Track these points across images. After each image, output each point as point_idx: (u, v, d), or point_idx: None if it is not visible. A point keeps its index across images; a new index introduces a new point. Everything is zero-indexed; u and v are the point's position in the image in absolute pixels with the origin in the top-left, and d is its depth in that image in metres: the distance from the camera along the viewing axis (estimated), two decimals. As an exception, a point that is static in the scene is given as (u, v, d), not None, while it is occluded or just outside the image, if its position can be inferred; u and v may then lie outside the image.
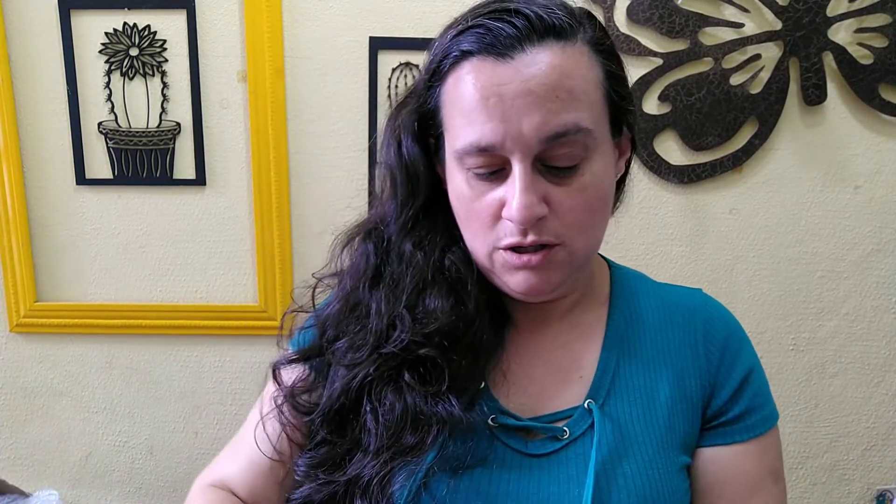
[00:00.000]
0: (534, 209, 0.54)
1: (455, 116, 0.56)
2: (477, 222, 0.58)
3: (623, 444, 0.59)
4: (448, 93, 0.57)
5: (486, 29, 0.54)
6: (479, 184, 0.57)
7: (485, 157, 0.55)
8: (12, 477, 1.43)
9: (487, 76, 0.53)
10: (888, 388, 1.39)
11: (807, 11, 1.23)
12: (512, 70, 0.52)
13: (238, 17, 1.25)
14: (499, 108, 0.53)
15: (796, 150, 1.30)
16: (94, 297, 1.36)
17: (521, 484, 0.58)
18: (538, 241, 0.56)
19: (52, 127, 1.29)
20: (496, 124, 0.53)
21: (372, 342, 0.61)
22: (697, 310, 0.70)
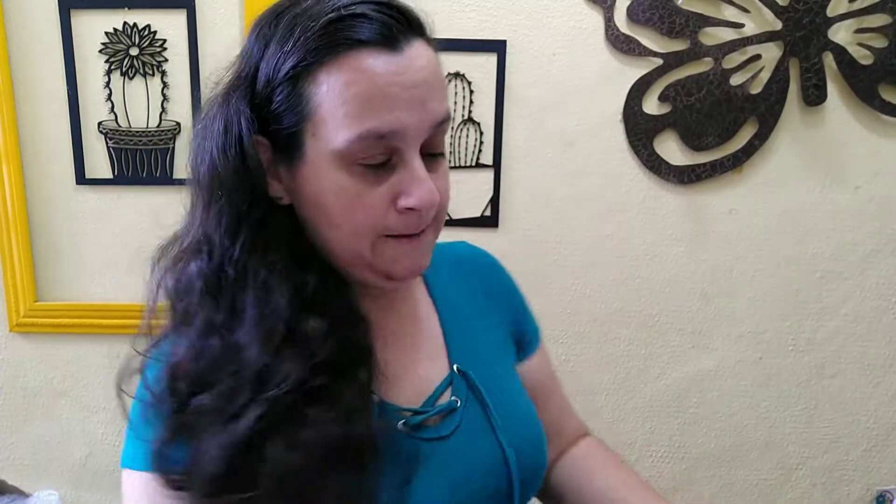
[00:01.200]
0: (434, 195, 0.56)
1: (340, 106, 0.53)
2: (364, 215, 0.56)
3: (493, 386, 0.67)
4: (327, 83, 0.53)
5: (367, 19, 0.53)
6: (367, 177, 0.55)
7: (379, 146, 0.54)
8: (12, 477, 1.43)
9: (384, 66, 0.53)
10: (888, 388, 1.39)
11: (807, 12, 1.23)
12: (406, 61, 0.54)
13: (238, 17, 1.25)
14: (401, 98, 0.53)
15: (796, 151, 1.30)
16: (94, 297, 1.36)
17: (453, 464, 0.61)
18: (426, 225, 0.58)
19: (52, 127, 1.29)
20: (399, 113, 0.53)
21: (249, 388, 0.53)
22: (475, 257, 0.79)
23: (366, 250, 0.58)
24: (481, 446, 0.64)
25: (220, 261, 0.56)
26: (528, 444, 0.67)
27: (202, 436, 0.52)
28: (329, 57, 0.53)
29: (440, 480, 0.60)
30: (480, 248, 0.81)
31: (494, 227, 1.32)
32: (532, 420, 0.70)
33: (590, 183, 1.31)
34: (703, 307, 1.37)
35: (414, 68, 0.54)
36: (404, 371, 0.65)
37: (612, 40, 1.25)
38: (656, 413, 1.41)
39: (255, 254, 0.56)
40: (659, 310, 1.37)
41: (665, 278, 1.35)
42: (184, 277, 0.58)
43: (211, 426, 0.52)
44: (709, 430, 1.42)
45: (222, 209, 0.56)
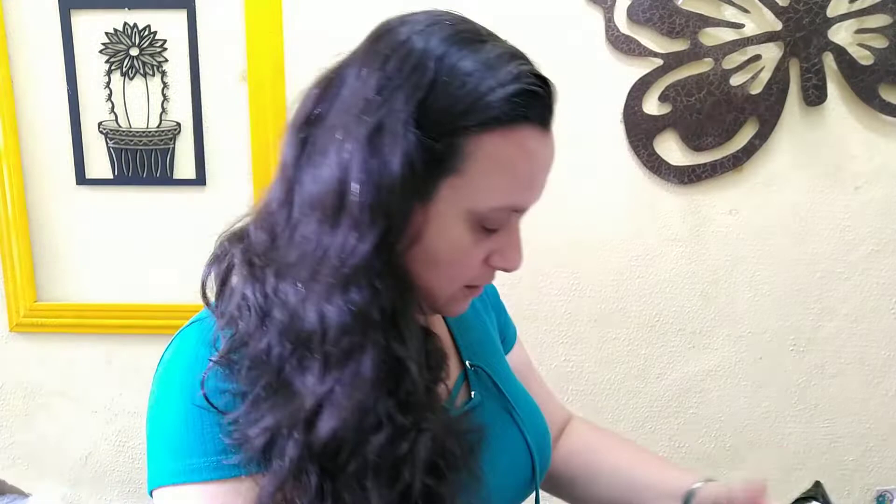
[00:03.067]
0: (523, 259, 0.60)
1: (495, 175, 0.53)
2: (462, 269, 0.58)
3: (504, 381, 0.70)
4: (491, 148, 0.52)
5: (539, 97, 0.55)
6: (482, 237, 0.57)
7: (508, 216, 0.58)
8: (12, 477, 1.44)
9: (539, 148, 0.56)
10: (888, 388, 1.39)
11: (807, 12, 1.23)
12: (552, 145, 0.58)
13: (238, 17, 1.25)
14: (539, 178, 0.57)
15: (796, 151, 1.30)
16: (94, 297, 1.36)
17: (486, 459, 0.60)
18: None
19: (52, 127, 1.29)
20: (535, 193, 0.58)
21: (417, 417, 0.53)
22: None
23: (449, 294, 0.60)
24: (507, 438, 0.66)
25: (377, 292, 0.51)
26: (541, 430, 0.70)
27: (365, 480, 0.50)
28: (501, 125, 0.52)
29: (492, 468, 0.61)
30: None
31: (494, 227, 1.32)
32: (538, 409, 0.73)
33: (590, 183, 1.31)
34: (703, 307, 1.37)
35: (551, 152, 0.57)
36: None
37: (612, 40, 1.25)
38: (656, 413, 1.41)
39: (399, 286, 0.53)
40: (659, 310, 1.37)
41: (665, 278, 1.35)
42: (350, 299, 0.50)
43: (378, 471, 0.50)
44: (709, 430, 1.42)
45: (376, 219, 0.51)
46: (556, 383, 0.90)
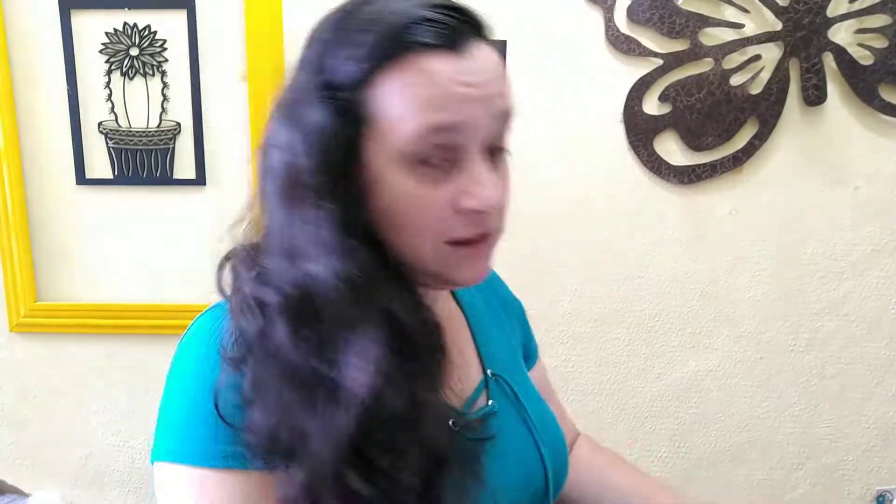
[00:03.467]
0: (497, 198, 0.55)
1: (402, 106, 0.52)
2: (426, 219, 0.54)
3: (525, 392, 0.70)
4: (390, 85, 0.52)
5: (434, 22, 0.53)
6: (430, 177, 0.54)
7: (442, 145, 0.53)
8: (12, 477, 1.44)
9: (449, 68, 0.52)
10: (888, 388, 1.39)
11: (807, 12, 1.23)
12: (473, 62, 0.54)
13: (238, 17, 1.25)
14: (464, 95, 0.53)
15: (796, 151, 1.30)
16: (94, 297, 1.36)
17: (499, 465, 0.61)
18: (488, 230, 0.56)
19: (52, 127, 1.29)
20: (460, 108, 0.53)
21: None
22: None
23: (428, 255, 0.56)
24: (521, 447, 0.65)
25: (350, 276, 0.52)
26: (558, 444, 0.70)
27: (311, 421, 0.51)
28: (392, 61, 0.52)
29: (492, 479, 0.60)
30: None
31: (494, 227, 1.32)
32: (557, 425, 0.72)
33: (590, 183, 1.31)
34: (703, 307, 1.37)
35: (480, 69, 0.54)
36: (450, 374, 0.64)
37: (612, 40, 1.25)
38: (656, 413, 1.41)
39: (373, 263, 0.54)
40: (659, 310, 1.37)
41: (665, 278, 1.35)
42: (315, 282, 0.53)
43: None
44: (709, 430, 1.42)
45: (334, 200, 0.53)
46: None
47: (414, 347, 0.54)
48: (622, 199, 1.32)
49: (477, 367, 0.68)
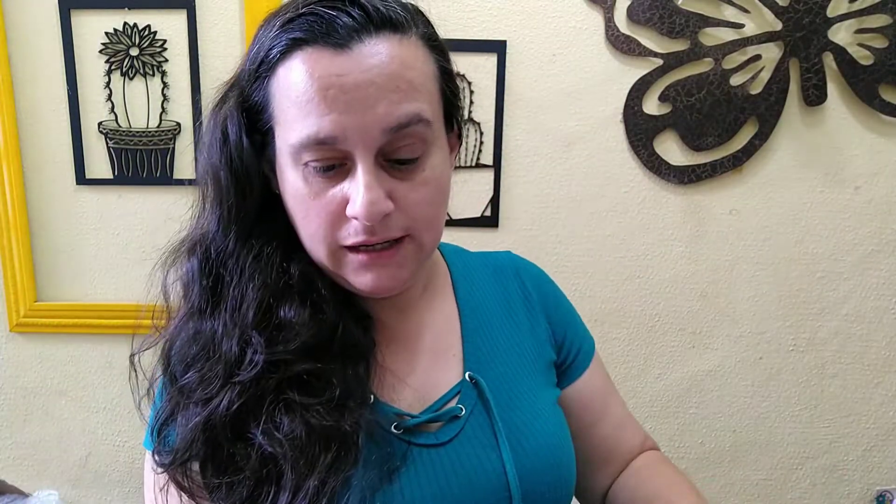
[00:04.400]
0: (380, 205, 0.52)
1: (289, 108, 0.53)
2: (316, 221, 0.55)
3: (509, 399, 0.65)
4: (280, 84, 0.53)
5: (319, 17, 0.51)
6: (317, 180, 0.54)
7: (324, 150, 0.52)
8: (12, 477, 1.44)
9: (325, 66, 0.51)
10: (888, 388, 1.39)
11: (807, 12, 1.23)
12: (352, 61, 0.51)
13: (238, 17, 1.25)
14: (340, 100, 0.51)
15: (796, 151, 1.30)
16: (94, 297, 1.36)
17: (446, 474, 0.59)
18: (386, 238, 0.55)
19: (52, 127, 1.29)
20: (337, 116, 0.51)
21: (223, 372, 0.55)
22: (518, 268, 0.76)
23: (325, 258, 0.57)
24: (480, 456, 0.61)
25: (216, 254, 0.59)
26: (538, 460, 0.63)
27: (184, 414, 0.56)
28: (284, 55, 0.53)
29: (431, 486, 0.59)
30: (527, 259, 0.78)
31: (494, 227, 1.32)
32: (549, 438, 0.65)
33: (590, 183, 1.31)
34: (703, 307, 1.37)
35: (360, 69, 0.51)
36: (411, 375, 0.64)
37: (612, 40, 1.25)
38: (656, 413, 1.41)
39: (246, 246, 0.58)
40: (659, 310, 1.37)
41: (665, 278, 1.35)
42: (186, 270, 0.61)
43: (192, 406, 0.56)
44: (709, 430, 1.42)
45: (217, 205, 0.59)
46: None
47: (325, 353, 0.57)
48: (622, 199, 1.32)
49: (457, 370, 0.65)
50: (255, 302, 0.57)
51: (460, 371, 0.65)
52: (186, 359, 0.58)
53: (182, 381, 0.58)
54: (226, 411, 0.54)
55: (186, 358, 0.58)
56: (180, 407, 0.57)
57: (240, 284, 0.58)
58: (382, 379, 0.62)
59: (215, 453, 0.55)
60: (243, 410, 0.55)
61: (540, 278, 0.77)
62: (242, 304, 0.57)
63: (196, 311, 0.59)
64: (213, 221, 0.59)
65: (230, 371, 0.56)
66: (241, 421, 0.55)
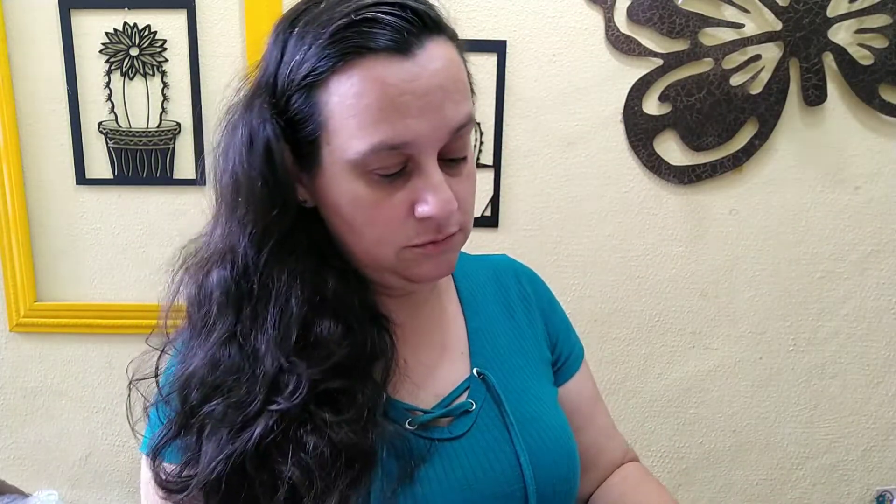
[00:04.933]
0: (452, 203, 0.54)
1: (352, 117, 0.52)
2: (383, 225, 0.56)
3: (518, 394, 0.66)
4: (338, 93, 0.52)
5: (377, 24, 0.51)
6: (382, 186, 0.54)
7: (393, 156, 0.53)
8: (12, 477, 1.44)
9: (396, 73, 0.51)
10: (888, 388, 1.39)
11: (807, 12, 1.23)
12: (418, 67, 0.51)
13: (238, 17, 1.25)
14: (414, 105, 0.51)
15: (796, 151, 1.30)
16: (94, 297, 1.36)
17: (462, 466, 0.61)
18: (450, 233, 0.57)
19: (52, 127, 1.29)
20: (412, 121, 0.52)
21: (262, 396, 0.53)
22: (516, 270, 0.78)
23: (389, 258, 0.58)
24: (494, 448, 0.62)
25: (244, 270, 0.56)
26: (550, 452, 0.64)
27: (210, 440, 0.54)
28: (340, 65, 0.51)
29: (448, 479, 0.60)
30: (521, 262, 0.80)
31: (494, 227, 1.32)
32: (558, 430, 0.67)
33: (590, 183, 1.31)
34: (703, 307, 1.37)
35: (428, 73, 0.52)
36: (423, 371, 0.65)
37: (612, 40, 1.25)
38: (656, 413, 1.41)
39: (280, 262, 0.56)
40: (659, 310, 1.37)
41: (665, 278, 1.35)
42: (206, 286, 0.58)
43: (220, 432, 0.54)
44: (709, 430, 1.42)
45: (248, 218, 0.56)
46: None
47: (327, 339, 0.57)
48: (622, 199, 1.32)
49: (464, 367, 0.67)
50: (297, 321, 0.55)
51: (468, 367, 0.67)
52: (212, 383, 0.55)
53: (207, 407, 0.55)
54: (259, 440, 0.52)
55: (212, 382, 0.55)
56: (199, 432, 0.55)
57: (278, 302, 0.56)
58: (397, 377, 0.63)
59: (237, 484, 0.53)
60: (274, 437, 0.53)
61: (536, 281, 0.79)
62: (282, 323, 0.55)
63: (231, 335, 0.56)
64: (243, 236, 0.56)
65: (270, 394, 0.54)
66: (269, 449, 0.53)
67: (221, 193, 0.59)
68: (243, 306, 0.56)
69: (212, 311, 0.57)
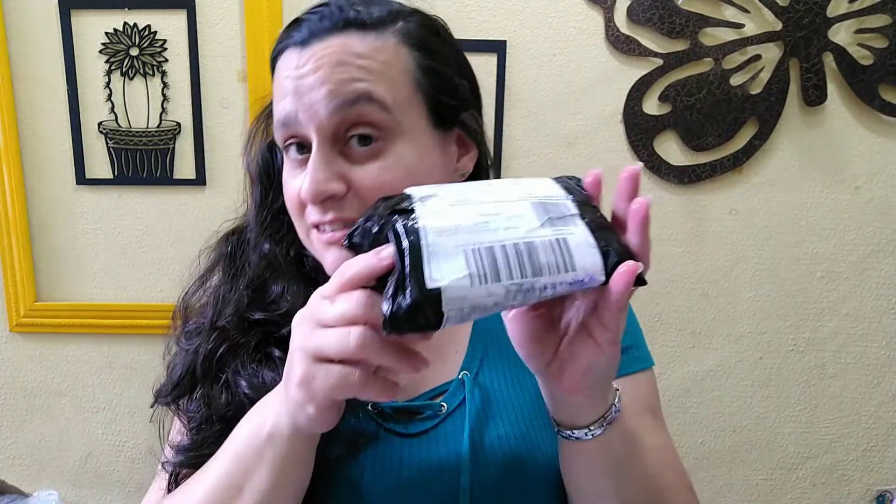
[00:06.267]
0: (320, 185, 0.56)
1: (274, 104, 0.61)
2: (290, 202, 0.61)
3: (496, 408, 0.64)
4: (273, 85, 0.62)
5: (300, 23, 0.59)
6: (291, 164, 0.61)
7: (289, 132, 0.59)
8: (12, 477, 1.43)
9: (289, 62, 0.58)
10: (888, 388, 1.39)
11: (807, 12, 1.23)
12: (308, 54, 0.57)
13: (238, 17, 1.25)
14: (293, 86, 0.57)
15: (796, 151, 1.30)
16: (94, 297, 1.36)
17: (401, 464, 0.60)
18: (339, 219, 0.58)
19: (52, 127, 1.29)
20: (290, 98, 0.57)
21: (210, 319, 0.66)
22: None
23: (302, 237, 0.63)
24: (441, 459, 0.61)
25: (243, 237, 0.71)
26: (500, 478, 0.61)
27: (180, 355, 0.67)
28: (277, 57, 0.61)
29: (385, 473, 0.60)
30: None
31: (494, 227, 1.32)
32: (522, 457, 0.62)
33: (590, 183, 1.31)
34: (703, 307, 1.37)
35: (314, 59, 0.56)
36: None
37: (612, 40, 1.25)
38: (656, 413, 1.41)
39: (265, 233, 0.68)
40: (659, 310, 1.37)
41: (665, 278, 1.35)
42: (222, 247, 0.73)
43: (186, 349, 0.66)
44: (709, 430, 1.42)
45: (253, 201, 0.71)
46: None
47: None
48: (622, 199, 1.32)
49: (454, 369, 0.66)
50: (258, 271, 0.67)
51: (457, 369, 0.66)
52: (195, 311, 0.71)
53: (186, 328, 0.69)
54: (206, 352, 0.63)
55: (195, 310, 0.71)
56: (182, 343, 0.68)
57: (253, 254, 0.68)
58: None
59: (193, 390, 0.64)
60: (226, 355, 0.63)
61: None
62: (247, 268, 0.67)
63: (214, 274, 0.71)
64: (252, 213, 0.70)
65: (215, 318, 0.66)
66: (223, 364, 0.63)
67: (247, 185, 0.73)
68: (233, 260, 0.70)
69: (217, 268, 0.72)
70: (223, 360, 0.63)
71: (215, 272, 0.72)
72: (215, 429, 0.60)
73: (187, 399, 0.65)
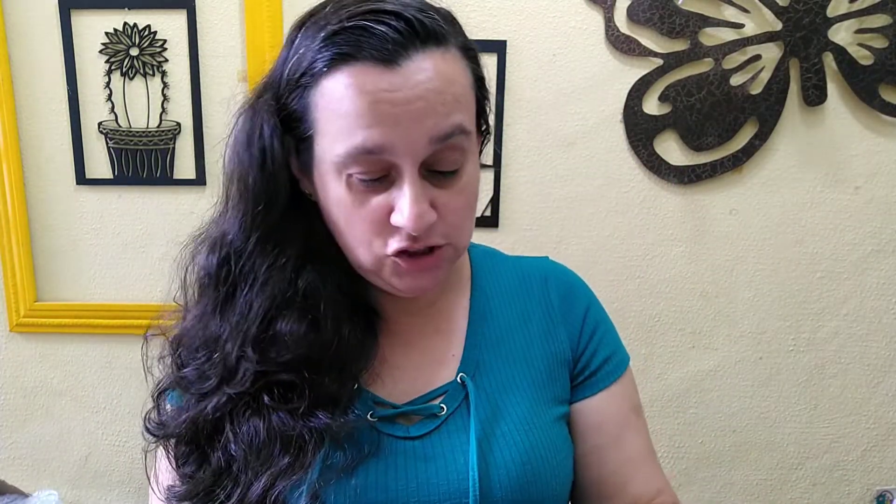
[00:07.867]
0: (426, 217, 0.55)
1: (336, 121, 0.54)
2: (360, 228, 0.57)
3: (497, 407, 0.64)
4: (325, 96, 0.54)
5: (367, 32, 0.52)
6: (361, 190, 0.56)
7: (370, 161, 0.54)
8: (12, 477, 1.44)
9: (374, 82, 0.52)
10: (888, 388, 1.39)
11: (807, 12, 1.23)
12: (400, 77, 0.52)
13: (238, 17, 1.25)
14: (389, 114, 0.52)
15: (796, 151, 1.30)
16: (94, 297, 1.36)
17: (407, 467, 0.60)
18: (428, 245, 0.57)
19: (52, 127, 1.29)
20: (386, 129, 0.53)
21: (218, 376, 0.59)
22: (547, 275, 0.74)
23: (368, 262, 0.59)
24: (447, 459, 0.60)
25: (227, 257, 0.60)
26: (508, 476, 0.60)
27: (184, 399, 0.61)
28: (329, 68, 0.53)
29: (389, 476, 0.60)
30: (565, 267, 0.77)
31: (494, 227, 1.32)
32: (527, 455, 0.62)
33: (590, 183, 1.31)
34: (703, 307, 1.37)
35: (409, 85, 0.52)
36: (404, 368, 0.65)
37: (612, 40, 1.25)
38: (656, 413, 1.41)
39: (263, 253, 0.60)
40: (659, 310, 1.37)
41: (665, 278, 1.35)
42: (201, 267, 0.63)
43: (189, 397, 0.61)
44: (709, 430, 1.42)
45: (240, 209, 0.60)
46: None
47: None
48: (622, 199, 1.32)
49: (452, 371, 0.65)
50: (260, 314, 0.59)
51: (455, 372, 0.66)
52: (191, 350, 0.62)
53: (183, 371, 0.62)
54: (210, 416, 0.59)
55: (191, 350, 0.62)
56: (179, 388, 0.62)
57: (250, 293, 0.60)
58: (375, 371, 0.63)
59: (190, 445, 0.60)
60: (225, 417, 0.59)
61: (571, 287, 0.74)
62: (249, 314, 0.59)
63: (209, 312, 0.61)
64: (235, 223, 0.60)
65: (223, 379, 0.59)
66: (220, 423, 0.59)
67: (224, 183, 0.62)
68: (228, 292, 0.61)
69: (206, 292, 0.62)
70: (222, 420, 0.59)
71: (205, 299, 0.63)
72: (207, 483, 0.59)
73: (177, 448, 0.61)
